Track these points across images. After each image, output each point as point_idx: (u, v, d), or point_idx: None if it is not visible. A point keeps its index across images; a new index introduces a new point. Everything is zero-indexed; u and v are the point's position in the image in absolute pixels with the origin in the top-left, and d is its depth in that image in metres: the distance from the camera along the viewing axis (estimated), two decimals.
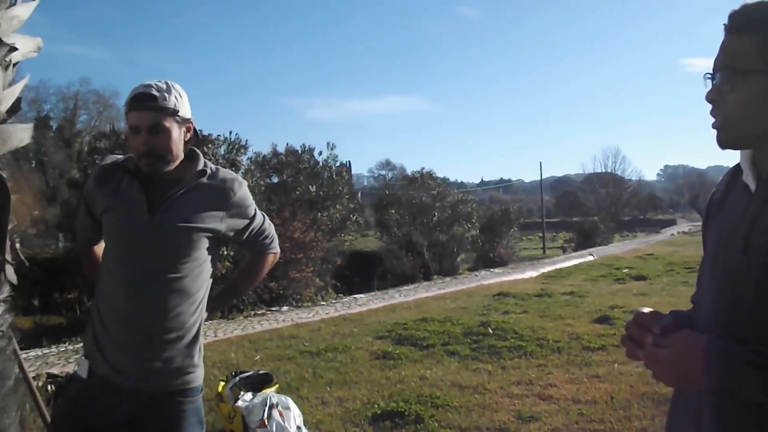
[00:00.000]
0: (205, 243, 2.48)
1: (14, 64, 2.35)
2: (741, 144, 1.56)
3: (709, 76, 1.56)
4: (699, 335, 1.44)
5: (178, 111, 2.43)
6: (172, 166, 2.47)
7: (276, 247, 2.81)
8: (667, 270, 19.50)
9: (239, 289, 2.97)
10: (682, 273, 18.02)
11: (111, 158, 2.60)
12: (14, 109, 2.33)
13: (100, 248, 2.68)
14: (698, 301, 1.74)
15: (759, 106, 1.49)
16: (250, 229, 2.64)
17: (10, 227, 2.24)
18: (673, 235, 51.27)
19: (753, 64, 1.48)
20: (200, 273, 2.49)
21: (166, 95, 2.40)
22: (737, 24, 1.51)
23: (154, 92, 2.39)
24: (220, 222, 2.49)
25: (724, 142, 1.55)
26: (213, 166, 2.57)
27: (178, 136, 2.45)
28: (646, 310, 1.64)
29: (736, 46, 1.51)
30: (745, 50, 1.49)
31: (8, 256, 2.27)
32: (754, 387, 1.35)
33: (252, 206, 2.64)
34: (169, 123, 2.41)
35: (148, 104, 2.38)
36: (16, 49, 2.30)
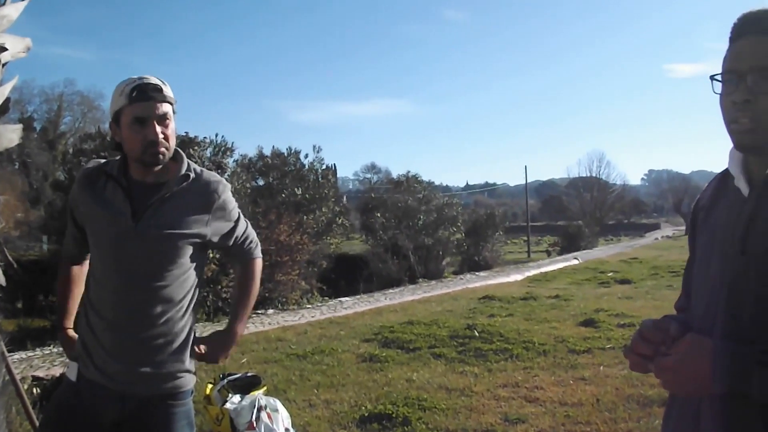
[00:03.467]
0: (190, 248, 2.45)
1: (3, 65, 2.34)
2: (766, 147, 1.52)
3: (722, 78, 1.55)
4: (705, 338, 1.45)
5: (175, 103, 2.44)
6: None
7: (260, 252, 2.77)
8: (651, 274, 19.58)
9: (246, 304, 2.75)
10: (667, 277, 18.10)
11: (93, 163, 2.56)
12: (3, 110, 2.32)
13: (78, 273, 2.65)
14: (686, 307, 1.75)
15: None
16: (236, 234, 2.60)
17: None
18: (657, 239, 51.52)
19: None
20: (187, 278, 2.46)
21: (166, 86, 2.40)
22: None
23: (158, 83, 2.38)
24: (205, 226, 2.46)
25: (750, 145, 1.53)
26: (197, 168, 2.53)
27: (175, 128, 2.46)
28: (650, 321, 1.62)
29: None
30: None
31: None
32: (767, 387, 1.35)
33: (236, 209, 2.60)
34: (171, 114, 2.41)
35: (157, 95, 2.36)
36: (5, 49, 2.28)
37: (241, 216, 2.64)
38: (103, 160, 2.55)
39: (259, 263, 2.75)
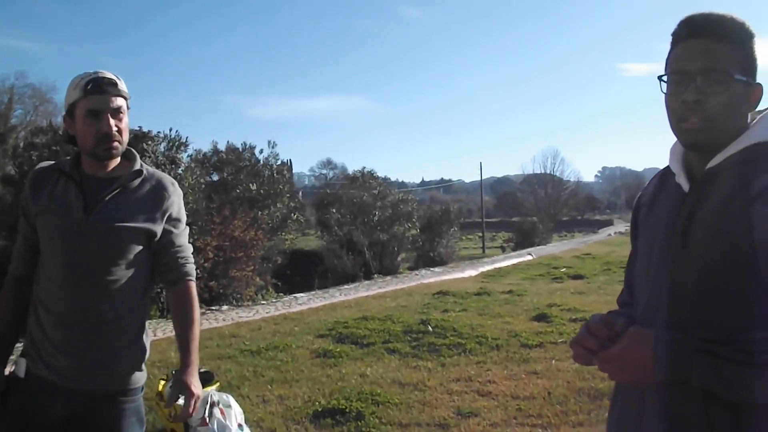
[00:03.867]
0: (141, 243, 2.44)
1: None
2: (714, 145, 1.57)
3: (670, 77, 1.60)
4: (646, 329, 1.49)
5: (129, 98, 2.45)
6: (119, 158, 2.46)
7: (194, 275, 2.62)
8: (603, 269, 19.87)
9: (192, 336, 2.54)
10: (619, 272, 18.32)
11: (45, 163, 2.55)
12: None
13: (22, 300, 2.52)
14: (628, 302, 1.80)
15: (738, 110, 1.55)
16: (179, 242, 2.54)
17: None
18: (610, 235, 52.12)
19: (735, 71, 1.53)
20: (137, 274, 2.45)
21: (121, 81, 2.41)
22: (718, 31, 1.55)
23: (113, 78, 2.39)
24: (155, 223, 2.45)
25: (699, 143, 1.58)
26: (150, 168, 2.54)
27: (128, 122, 2.46)
28: (598, 316, 1.65)
29: (720, 51, 1.54)
30: (729, 58, 1.53)
31: None
32: (707, 374, 1.39)
33: (183, 216, 2.59)
34: (125, 108, 2.42)
35: (112, 89, 2.37)
36: None
37: (187, 229, 2.61)
38: (53, 162, 2.54)
39: (194, 287, 2.59)
